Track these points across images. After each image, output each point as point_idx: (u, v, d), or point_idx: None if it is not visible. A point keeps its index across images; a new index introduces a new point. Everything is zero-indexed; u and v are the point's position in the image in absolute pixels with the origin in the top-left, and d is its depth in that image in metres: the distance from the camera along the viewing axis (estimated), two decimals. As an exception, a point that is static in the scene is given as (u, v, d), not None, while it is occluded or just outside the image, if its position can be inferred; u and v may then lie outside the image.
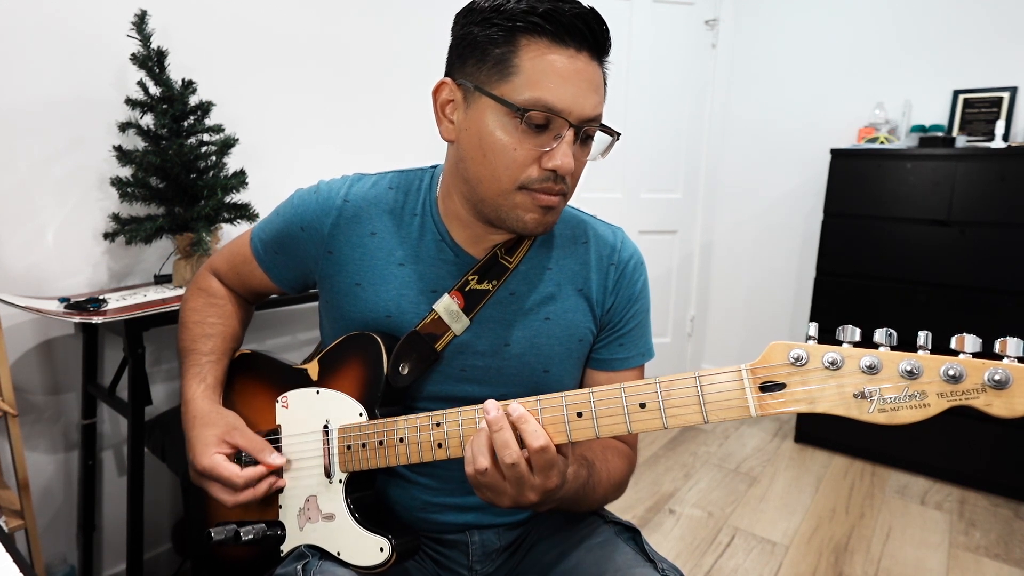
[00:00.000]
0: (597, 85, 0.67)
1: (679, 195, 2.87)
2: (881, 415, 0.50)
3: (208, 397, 0.80)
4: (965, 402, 0.48)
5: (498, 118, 0.65)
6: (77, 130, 1.31)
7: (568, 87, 0.63)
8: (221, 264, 0.89)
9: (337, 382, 0.76)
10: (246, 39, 1.59)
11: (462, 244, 0.76)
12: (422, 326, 0.73)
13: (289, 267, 0.83)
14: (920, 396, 0.49)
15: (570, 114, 0.64)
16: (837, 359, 0.51)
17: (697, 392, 0.56)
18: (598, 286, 0.79)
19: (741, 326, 2.93)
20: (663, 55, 2.68)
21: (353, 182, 0.79)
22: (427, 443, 0.67)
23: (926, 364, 0.49)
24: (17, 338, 1.28)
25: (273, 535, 0.77)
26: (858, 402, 0.51)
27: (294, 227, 0.80)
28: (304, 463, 0.77)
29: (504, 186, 0.67)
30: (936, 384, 0.48)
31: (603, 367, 0.81)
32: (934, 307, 2.06)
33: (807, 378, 0.53)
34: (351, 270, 0.77)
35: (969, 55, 2.23)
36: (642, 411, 0.58)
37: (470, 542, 0.80)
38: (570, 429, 0.60)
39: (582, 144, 0.68)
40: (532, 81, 0.63)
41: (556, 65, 0.63)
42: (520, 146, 0.65)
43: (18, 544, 1.13)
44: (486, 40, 0.65)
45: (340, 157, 1.86)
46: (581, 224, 0.82)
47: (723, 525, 1.88)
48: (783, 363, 0.54)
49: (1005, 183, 1.92)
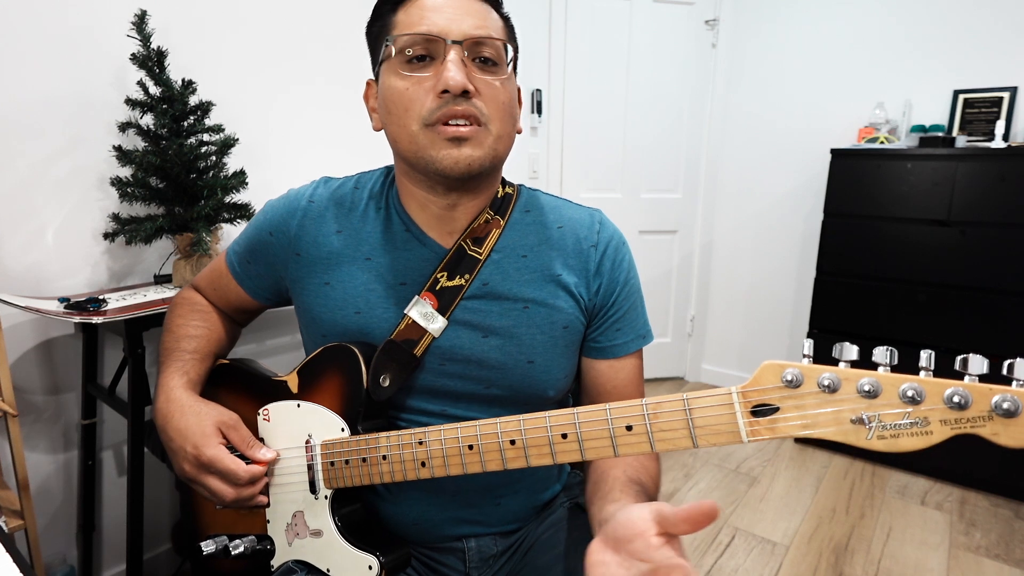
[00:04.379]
0: (475, 10, 0.67)
1: (679, 195, 2.87)
2: (880, 442, 0.47)
3: (189, 390, 0.77)
4: (970, 430, 0.45)
5: (390, 72, 0.68)
6: (77, 130, 1.31)
7: (439, 14, 0.65)
8: (201, 281, 0.91)
9: (317, 395, 0.74)
10: (246, 39, 1.59)
11: (427, 230, 0.75)
12: (397, 333, 0.71)
13: (261, 275, 0.83)
14: (922, 423, 0.46)
15: (447, 34, 0.65)
16: (833, 381, 0.48)
17: (686, 416, 0.53)
18: (579, 270, 0.76)
19: (741, 326, 2.93)
20: (663, 55, 2.68)
21: (319, 184, 0.81)
22: (410, 462, 0.65)
23: (929, 389, 0.46)
24: (17, 338, 1.28)
25: (263, 549, 0.75)
26: (856, 428, 0.48)
27: (264, 233, 0.80)
28: (288, 478, 0.75)
29: (411, 129, 0.66)
30: (939, 411, 0.46)
31: (603, 355, 0.78)
32: (934, 307, 2.06)
33: (801, 402, 0.50)
34: (319, 270, 0.76)
35: (969, 55, 2.23)
36: (629, 433, 0.56)
37: (466, 548, 0.79)
38: (555, 451, 0.58)
39: (483, 69, 0.67)
40: (404, 24, 0.67)
41: (422, 4, 0.67)
42: (412, 84, 0.66)
43: (18, 544, 1.13)
44: (379, 25, 0.71)
45: (340, 157, 1.86)
46: (556, 209, 0.79)
47: (723, 525, 1.88)
48: (776, 385, 0.51)
49: (1005, 183, 1.92)
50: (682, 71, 2.72)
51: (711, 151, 2.84)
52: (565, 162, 2.65)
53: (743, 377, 3.37)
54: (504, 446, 0.61)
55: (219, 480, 0.72)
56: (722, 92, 2.78)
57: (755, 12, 2.67)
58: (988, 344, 1.96)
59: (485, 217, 0.75)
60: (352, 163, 1.83)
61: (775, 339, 2.82)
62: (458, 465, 0.63)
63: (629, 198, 2.79)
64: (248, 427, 0.77)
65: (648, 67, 2.67)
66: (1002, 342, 1.95)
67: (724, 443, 0.53)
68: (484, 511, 0.78)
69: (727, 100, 2.79)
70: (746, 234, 2.86)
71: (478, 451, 0.62)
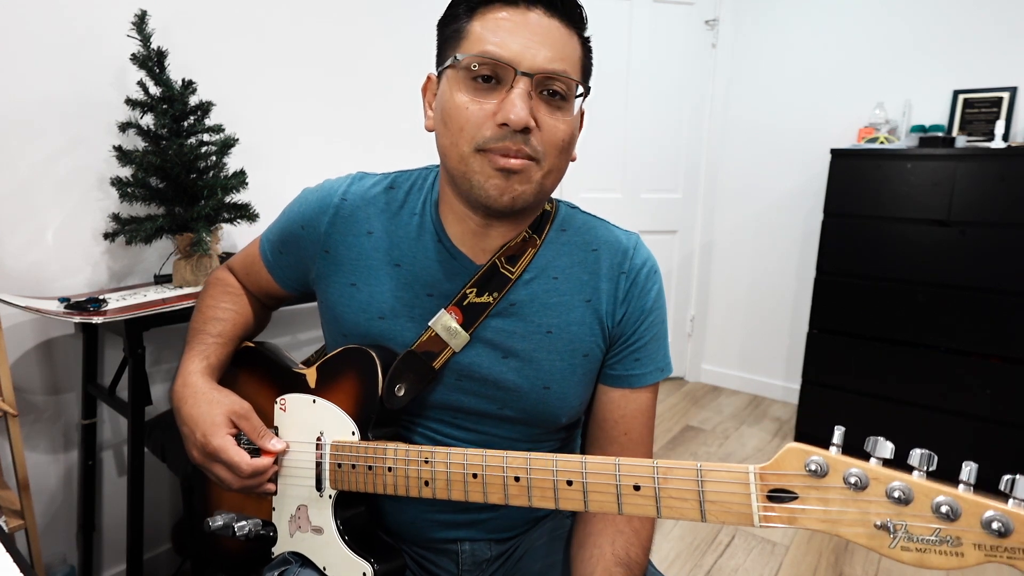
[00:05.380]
0: (553, 39, 0.63)
1: (679, 195, 2.87)
2: (905, 554, 0.43)
3: (206, 375, 0.77)
4: (1007, 562, 0.40)
5: (453, 82, 0.65)
6: (77, 130, 1.31)
7: (515, 38, 0.62)
8: (235, 263, 0.91)
9: (333, 394, 0.74)
10: (247, 39, 1.59)
11: (460, 245, 0.73)
12: (418, 344, 0.71)
13: (291, 266, 0.82)
14: (953, 542, 0.42)
15: (518, 64, 0.61)
16: (861, 479, 0.44)
17: (698, 487, 0.51)
18: (608, 296, 0.74)
19: (741, 326, 2.93)
20: (663, 55, 2.68)
21: (354, 180, 0.78)
22: (415, 479, 0.65)
23: (966, 508, 0.41)
24: (17, 338, 1.28)
25: (265, 535, 0.76)
26: (879, 533, 0.44)
27: (295, 225, 0.79)
28: (297, 471, 0.75)
29: (463, 149, 0.64)
30: (975, 534, 0.41)
31: (618, 383, 0.76)
32: (934, 307, 2.06)
33: (825, 495, 0.46)
34: (347, 270, 0.75)
35: (969, 55, 2.23)
36: (636, 494, 0.53)
37: (460, 551, 0.79)
38: (558, 497, 0.57)
39: (548, 104, 0.64)
40: (478, 38, 0.63)
41: (502, 19, 0.63)
42: (472, 103, 0.63)
43: (18, 544, 1.13)
44: (453, 28, 0.67)
45: (341, 157, 1.86)
46: (592, 230, 0.77)
47: (723, 525, 1.88)
48: (798, 472, 0.47)
49: (1005, 183, 1.92)
50: (682, 71, 2.72)
51: (711, 151, 2.84)
52: (565, 162, 2.64)
53: (743, 377, 3.34)
54: (508, 482, 0.60)
55: (224, 469, 0.72)
56: (722, 92, 2.78)
57: (755, 12, 2.68)
58: (988, 344, 1.96)
59: (523, 236, 0.73)
60: (354, 163, 1.84)
61: (775, 339, 2.82)
62: (460, 491, 0.63)
63: (629, 198, 2.79)
64: (263, 415, 0.77)
65: (648, 67, 2.67)
66: (1002, 342, 1.95)
67: (733, 523, 0.50)
68: (481, 517, 0.78)
69: (727, 100, 2.79)
70: (746, 234, 2.86)
71: (481, 481, 0.61)
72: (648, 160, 2.76)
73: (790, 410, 2.71)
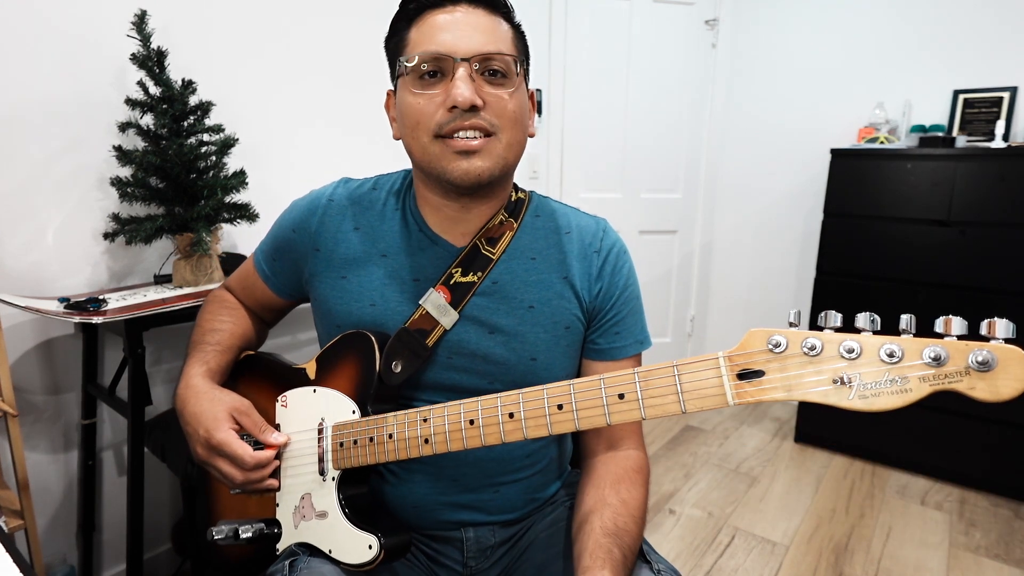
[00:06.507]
0: (483, 27, 0.70)
1: (679, 195, 2.87)
2: (861, 401, 0.48)
3: (207, 378, 0.81)
4: (948, 386, 0.46)
5: (405, 87, 0.71)
6: (77, 130, 1.31)
7: (448, 33, 0.69)
8: (232, 282, 0.96)
9: (333, 380, 0.77)
10: (247, 39, 1.59)
11: (439, 232, 0.78)
12: (411, 322, 0.75)
13: (285, 272, 0.87)
14: (901, 381, 0.47)
15: (455, 52, 0.68)
16: (816, 344, 0.50)
17: (675, 382, 0.56)
18: (582, 274, 0.80)
19: (741, 326, 2.93)
20: (663, 55, 2.68)
21: (340, 184, 0.85)
22: (414, 439, 0.68)
23: (907, 347, 0.47)
24: (17, 338, 1.28)
25: (270, 533, 0.77)
26: (837, 388, 0.49)
27: (287, 230, 0.85)
28: (300, 460, 0.77)
29: (423, 140, 0.70)
30: (918, 368, 0.47)
31: (601, 356, 0.81)
32: (934, 307, 2.06)
33: (785, 364, 0.51)
34: (337, 264, 0.80)
35: (969, 55, 2.23)
36: (621, 402, 0.58)
37: (464, 538, 0.80)
38: (551, 422, 0.61)
39: (491, 82, 0.70)
40: (416, 42, 0.71)
41: (433, 21, 0.70)
42: (423, 98, 0.70)
43: (18, 544, 1.13)
44: (395, 41, 0.74)
45: (340, 157, 1.86)
46: (564, 215, 0.84)
47: (723, 525, 1.88)
48: (761, 349, 0.52)
49: (1005, 183, 1.92)
50: (682, 71, 2.72)
51: (711, 151, 2.84)
52: (565, 162, 2.65)
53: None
54: (503, 419, 0.64)
55: (228, 463, 0.74)
56: (722, 92, 2.78)
57: (755, 12, 2.68)
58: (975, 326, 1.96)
59: (500, 219, 0.79)
60: (352, 162, 1.84)
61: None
62: (459, 440, 0.66)
63: (629, 198, 2.79)
64: (266, 415, 0.81)
65: (648, 67, 2.67)
66: (1002, 342, 1.94)
67: (711, 407, 0.54)
68: (483, 498, 0.80)
69: (727, 100, 2.79)
70: (746, 234, 2.86)
71: (478, 425, 0.65)
72: (648, 160, 2.76)
73: (790, 410, 2.71)
